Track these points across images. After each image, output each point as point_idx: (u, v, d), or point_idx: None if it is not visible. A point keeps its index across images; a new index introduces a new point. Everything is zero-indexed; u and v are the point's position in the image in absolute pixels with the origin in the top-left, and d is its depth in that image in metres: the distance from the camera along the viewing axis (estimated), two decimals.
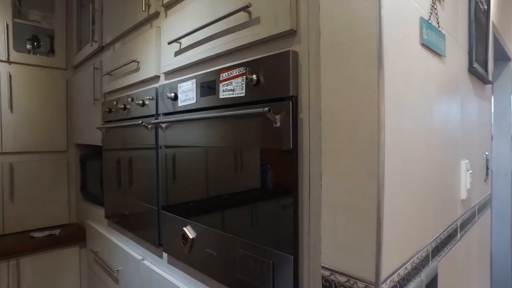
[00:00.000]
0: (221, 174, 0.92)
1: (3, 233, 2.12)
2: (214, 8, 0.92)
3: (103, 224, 1.89)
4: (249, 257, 0.81)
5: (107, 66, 1.71)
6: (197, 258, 1.01)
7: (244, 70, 0.81)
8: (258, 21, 0.78)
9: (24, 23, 2.29)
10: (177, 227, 1.10)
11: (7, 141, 2.15)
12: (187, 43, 1.04)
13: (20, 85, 2.19)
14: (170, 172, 1.17)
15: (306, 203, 0.71)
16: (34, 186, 2.25)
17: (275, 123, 0.73)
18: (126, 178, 1.52)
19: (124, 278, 1.56)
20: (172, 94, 1.11)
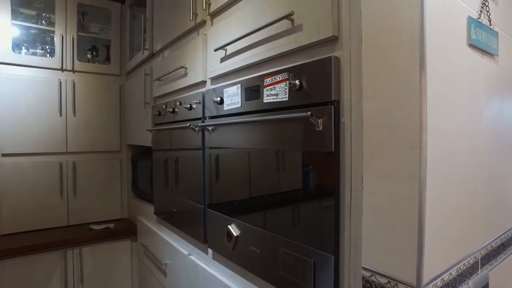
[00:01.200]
0: (264, 175, 0.97)
1: (67, 224, 2.35)
2: (257, 17, 0.97)
3: (152, 220, 2.02)
4: (290, 256, 0.85)
5: (157, 72, 1.83)
6: (241, 255, 1.06)
7: (287, 76, 0.84)
8: (300, 28, 0.81)
9: (86, 36, 2.52)
10: (222, 225, 1.16)
11: (71, 141, 2.37)
12: (232, 50, 1.10)
13: (81, 91, 2.41)
14: (215, 173, 1.24)
15: (347, 204, 0.73)
16: (92, 183, 2.46)
17: (317, 126, 0.76)
18: (174, 177, 1.62)
19: (172, 271, 1.66)
20: (218, 98, 1.17)
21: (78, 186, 2.40)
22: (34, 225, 2.24)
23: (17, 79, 2.19)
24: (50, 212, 2.30)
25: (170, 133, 1.64)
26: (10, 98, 2.16)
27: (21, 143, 2.20)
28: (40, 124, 2.27)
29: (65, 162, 2.36)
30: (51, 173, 2.31)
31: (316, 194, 0.79)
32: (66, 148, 2.36)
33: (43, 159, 2.29)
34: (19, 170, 2.20)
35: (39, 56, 2.34)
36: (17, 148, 2.19)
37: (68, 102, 2.36)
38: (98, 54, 2.64)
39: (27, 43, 2.35)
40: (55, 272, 2.09)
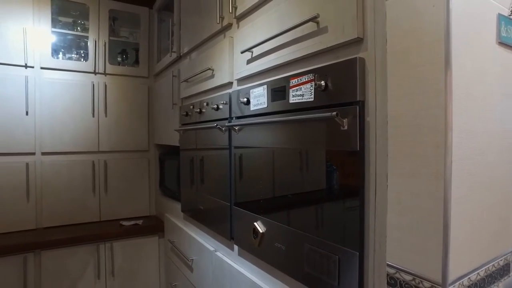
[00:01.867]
0: (290, 173, 0.99)
1: (99, 220, 2.46)
2: (282, 19, 1.00)
3: (179, 217, 2.09)
4: (316, 252, 0.87)
5: (185, 73, 1.89)
6: (266, 252, 1.09)
7: (313, 77, 0.86)
8: (326, 30, 0.83)
9: (116, 40, 2.63)
10: (247, 222, 1.19)
11: (103, 141, 2.49)
12: (258, 52, 1.13)
13: (112, 93, 2.52)
14: (241, 171, 1.27)
15: (372, 202, 0.74)
16: (122, 181, 2.57)
17: (342, 126, 0.77)
18: (201, 176, 1.67)
19: (198, 267, 1.72)
20: (244, 99, 1.20)
21: (109, 184, 2.52)
22: (70, 219, 2.37)
23: (55, 82, 2.32)
24: (84, 208, 2.42)
25: (197, 133, 1.69)
26: (49, 101, 2.30)
27: (58, 142, 2.34)
28: (75, 125, 2.40)
29: (97, 161, 2.48)
30: (84, 171, 2.43)
31: (341, 192, 0.81)
32: (98, 147, 2.48)
33: (77, 157, 2.42)
34: (56, 168, 2.34)
35: (74, 61, 2.47)
36: (55, 147, 2.33)
37: (100, 104, 2.48)
38: (127, 57, 2.75)
39: (64, 48, 2.49)
40: (89, 264, 2.21)
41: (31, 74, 2.26)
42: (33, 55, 2.25)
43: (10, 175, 2.19)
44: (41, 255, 2.07)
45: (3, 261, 1.96)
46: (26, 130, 2.24)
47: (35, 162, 2.28)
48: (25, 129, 2.24)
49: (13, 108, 2.19)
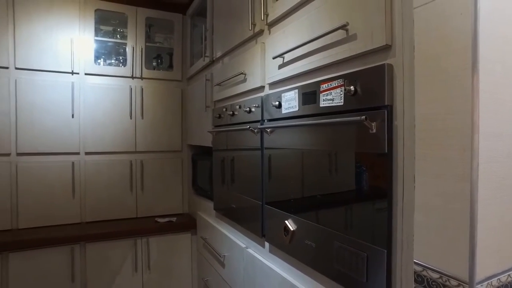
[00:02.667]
0: (320, 174, 1.03)
1: (136, 216, 2.61)
2: (312, 26, 1.04)
3: (211, 215, 2.18)
4: (345, 250, 0.91)
5: (217, 77, 1.98)
6: (297, 249, 1.14)
7: (343, 82, 0.90)
8: (355, 38, 0.87)
9: (152, 45, 2.78)
10: (279, 220, 1.25)
11: (140, 142, 2.64)
12: (289, 57, 1.18)
13: (148, 96, 2.67)
14: (273, 171, 1.33)
15: (399, 202, 0.77)
16: (157, 180, 2.71)
17: (371, 129, 0.81)
18: (233, 176, 1.75)
19: (230, 263, 1.79)
20: (276, 102, 1.26)
21: (145, 182, 2.66)
22: (109, 215, 2.53)
23: (97, 87, 2.49)
24: (122, 204, 2.58)
25: (230, 134, 1.77)
26: (92, 104, 2.47)
27: (99, 143, 2.51)
28: (114, 126, 2.56)
29: (134, 161, 2.63)
30: (122, 170, 2.59)
31: (369, 192, 0.85)
32: (135, 147, 2.63)
33: (116, 157, 2.58)
34: (98, 167, 2.51)
35: (114, 66, 2.63)
36: (96, 148, 2.50)
37: (137, 106, 2.63)
38: (162, 61, 2.89)
39: (104, 55, 2.66)
40: (127, 257, 2.35)
41: (77, 80, 2.44)
42: (78, 62, 2.44)
43: (59, 173, 2.38)
44: (86, 247, 2.24)
45: (54, 250, 2.14)
46: (71, 131, 2.42)
47: (79, 161, 2.46)
48: (71, 131, 2.42)
49: (61, 112, 2.38)
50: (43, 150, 2.35)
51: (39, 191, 2.33)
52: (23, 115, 2.29)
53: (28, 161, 2.32)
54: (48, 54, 2.35)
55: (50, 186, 2.36)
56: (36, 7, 2.32)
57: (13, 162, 2.28)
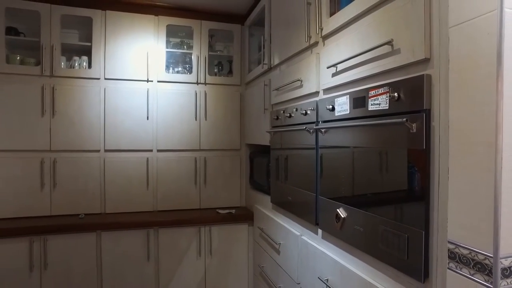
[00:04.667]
0: (367, 168, 1.20)
1: (199, 208, 2.93)
2: (362, 41, 1.20)
3: (267, 207, 2.40)
4: (388, 232, 1.06)
5: (275, 83, 2.19)
6: (347, 234, 1.31)
7: (388, 89, 1.06)
8: (399, 52, 1.02)
9: (213, 54, 3.08)
10: (331, 209, 1.42)
11: (204, 141, 2.95)
12: (342, 67, 1.35)
13: (210, 100, 2.97)
14: (326, 167, 1.51)
15: (436, 190, 0.91)
16: (218, 175, 3.00)
17: (411, 129, 0.96)
18: (289, 171, 1.95)
19: (284, 250, 1.99)
20: (330, 106, 1.44)
21: (207, 177, 2.97)
22: (177, 205, 2.88)
23: (168, 93, 2.85)
24: (187, 196, 2.91)
25: (287, 134, 1.97)
26: (163, 108, 2.84)
27: (169, 141, 2.86)
28: (181, 127, 2.90)
29: (198, 158, 2.95)
30: (188, 165, 2.92)
31: (410, 182, 0.99)
32: (200, 146, 2.95)
33: (183, 154, 2.92)
34: (168, 163, 2.87)
35: (181, 74, 2.98)
36: (167, 146, 2.86)
37: (201, 109, 2.95)
38: (223, 68, 3.19)
39: (173, 64, 3.02)
40: (192, 242, 2.67)
41: (151, 87, 2.82)
42: (152, 71, 2.81)
43: (136, 167, 2.78)
44: (159, 231, 2.59)
45: (133, 233, 2.53)
46: (146, 131, 2.80)
47: (152, 157, 2.84)
48: (146, 131, 2.80)
49: (138, 115, 2.78)
50: (124, 147, 2.75)
51: (121, 182, 2.75)
52: (109, 118, 2.72)
53: (112, 157, 2.74)
54: (129, 65, 2.76)
55: (129, 178, 2.76)
56: (121, 27, 2.73)
57: (102, 157, 2.72)
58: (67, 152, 2.65)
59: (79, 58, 2.74)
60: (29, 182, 2.58)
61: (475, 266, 0.81)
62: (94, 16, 2.68)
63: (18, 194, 2.55)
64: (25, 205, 2.56)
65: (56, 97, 2.61)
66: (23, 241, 2.35)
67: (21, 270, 2.34)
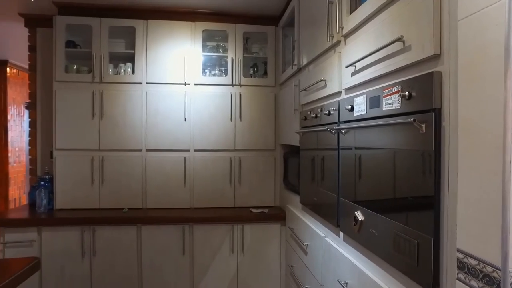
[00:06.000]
0: (382, 169, 1.15)
1: (234, 206, 3.00)
2: (377, 38, 1.16)
3: (298, 208, 2.39)
4: (400, 237, 1.02)
5: (304, 83, 2.18)
6: (364, 237, 1.27)
7: (399, 88, 1.01)
8: (409, 48, 0.98)
9: (249, 56, 3.14)
10: (350, 211, 1.39)
11: (238, 141, 3.02)
12: (359, 66, 1.32)
13: (245, 101, 3.03)
14: (346, 168, 1.47)
15: (445, 195, 0.86)
16: (252, 174, 3.05)
17: (421, 130, 0.91)
18: (316, 172, 1.93)
19: (311, 251, 1.97)
20: (349, 106, 1.40)
21: (242, 177, 3.03)
22: (212, 203, 2.98)
23: (204, 95, 2.96)
24: (223, 195, 3.00)
25: (313, 134, 1.95)
26: (199, 109, 2.95)
27: (206, 141, 2.97)
28: (217, 128, 2.99)
29: (233, 157, 3.02)
30: (223, 165, 3.01)
31: (420, 185, 0.94)
32: (234, 146, 3.02)
33: (219, 154, 3.01)
34: (204, 162, 2.98)
35: (217, 76, 3.07)
36: (203, 145, 2.97)
37: (236, 110, 3.01)
38: (258, 69, 3.23)
39: (209, 67, 3.13)
40: (225, 239, 2.74)
41: (188, 89, 2.95)
42: (189, 75, 2.94)
43: (174, 166, 2.93)
44: (194, 227, 2.71)
45: (170, 227, 2.68)
46: (184, 132, 2.94)
47: (190, 157, 2.97)
48: (183, 132, 2.94)
49: (176, 116, 2.92)
50: (163, 147, 2.92)
51: (160, 179, 2.91)
52: (150, 119, 2.90)
53: (153, 156, 2.92)
54: (168, 70, 2.92)
55: (167, 176, 2.92)
56: (161, 34, 2.90)
57: (144, 156, 2.91)
58: (113, 151, 2.88)
59: (124, 64, 2.96)
60: (82, 178, 2.85)
61: (483, 279, 0.75)
62: (137, 26, 2.88)
63: (74, 188, 2.83)
64: (79, 198, 2.84)
65: (104, 101, 2.85)
66: (76, 230, 2.61)
67: (75, 255, 2.61)
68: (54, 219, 2.64)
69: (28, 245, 2.58)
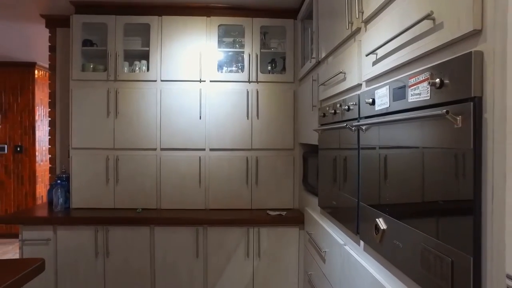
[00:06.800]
0: (408, 172, 0.99)
1: (250, 208, 2.88)
2: (402, 19, 1.00)
3: (317, 211, 2.23)
4: (429, 252, 0.85)
5: (322, 77, 2.02)
6: (387, 248, 1.11)
7: (429, 75, 0.85)
8: (441, 26, 0.81)
9: (266, 51, 3.00)
10: (371, 218, 1.23)
11: (255, 140, 2.89)
12: (381, 53, 1.15)
13: (263, 98, 2.90)
14: (366, 169, 1.31)
15: (488, 204, 0.69)
16: (270, 175, 2.91)
17: (456, 124, 0.75)
18: (335, 173, 1.77)
19: (329, 259, 1.82)
20: (370, 99, 1.24)
21: (259, 177, 2.90)
22: (228, 204, 2.87)
23: (220, 92, 2.86)
24: (239, 196, 2.88)
25: (332, 132, 1.79)
26: (215, 107, 2.85)
27: (221, 141, 2.87)
28: (233, 126, 2.88)
29: (250, 157, 2.90)
30: (240, 165, 2.89)
31: (455, 192, 0.78)
32: (251, 145, 2.90)
33: (235, 154, 2.90)
34: (219, 162, 2.87)
35: (233, 73, 2.96)
36: (219, 145, 2.87)
37: (253, 108, 2.89)
38: (276, 65, 3.09)
39: (226, 63, 3.02)
40: (240, 243, 2.62)
41: (203, 87, 2.86)
42: (205, 72, 2.85)
43: (189, 165, 2.85)
44: (208, 229, 2.61)
45: (182, 229, 2.60)
46: (199, 131, 2.85)
47: (205, 156, 2.87)
48: (199, 130, 2.85)
49: (191, 114, 2.84)
50: (178, 146, 2.84)
51: (175, 179, 2.84)
52: (165, 118, 2.83)
53: (167, 155, 2.85)
54: (183, 67, 2.84)
55: (182, 176, 2.84)
56: (175, 30, 2.83)
57: (158, 155, 2.85)
58: (128, 150, 2.84)
59: (139, 62, 2.91)
60: (97, 177, 2.82)
61: None
62: (152, 22, 2.82)
63: (89, 187, 2.81)
64: (94, 197, 2.82)
65: (119, 99, 2.82)
66: (90, 229, 2.58)
67: (89, 255, 2.59)
68: (68, 218, 2.63)
69: (44, 243, 2.58)
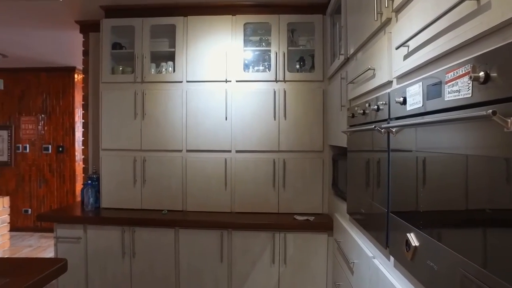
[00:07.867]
0: (445, 182, 0.85)
1: (277, 212, 2.78)
2: (438, 3, 0.86)
3: (345, 218, 2.09)
4: (472, 283, 0.71)
5: (351, 75, 1.88)
6: (419, 268, 0.97)
7: (470, 68, 0.71)
8: (488, 7, 0.67)
9: (294, 49, 2.89)
10: (402, 232, 1.09)
11: (282, 141, 2.79)
12: (413, 45, 1.01)
13: (290, 97, 2.79)
14: (398, 176, 1.17)
15: None
16: (298, 178, 2.79)
17: (506, 127, 0.61)
18: (364, 179, 1.63)
19: (358, 271, 1.68)
20: (401, 98, 1.10)
21: (286, 180, 2.79)
22: (254, 208, 2.79)
23: (246, 92, 2.79)
24: (265, 200, 2.79)
25: (361, 134, 1.65)
26: (241, 108, 2.79)
27: (247, 142, 2.79)
28: (260, 127, 2.79)
29: (277, 159, 2.80)
30: (266, 167, 2.80)
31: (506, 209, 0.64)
32: (278, 147, 2.80)
33: (261, 155, 2.81)
34: (246, 164, 2.80)
35: (260, 72, 2.88)
36: (245, 146, 2.80)
37: (280, 108, 2.79)
38: (304, 63, 2.96)
39: (253, 63, 2.94)
40: (266, 248, 2.54)
41: (229, 87, 2.80)
42: (230, 72, 2.79)
43: (214, 167, 2.80)
44: (233, 233, 2.54)
45: (208, 232, 2.56)
46: (225, 132, 2.80)
47: (231, 158, 2.82)
48: (224, 131, 2.80)
49: (217, 115, 2.79)
50: (204, 147, 2.81)
51: (200, 181, 2.81)
52: (190, 119, 2.81)
53: (193, 157, 2.82)
54: (208, 67, 2.80)
55: (208, 178, 2.80)
56: (201, 30, 2.80)
57: (184, 157, 2.83)
58: (154, 152, 2.85)
59: (166, 63, 2.92)
60: (125, 178, 2.86)
61: None
62: (177, 23, 2.81)
63: (117, 188, 2.86)
64: (122, 198, 2.86)
65: (146, 101, 2.83)
66: (117, 229, 2.62)
67: (116, 255, 2.62)
68: (96, 218, 2.68)
69: (75, 242, 2.65)
